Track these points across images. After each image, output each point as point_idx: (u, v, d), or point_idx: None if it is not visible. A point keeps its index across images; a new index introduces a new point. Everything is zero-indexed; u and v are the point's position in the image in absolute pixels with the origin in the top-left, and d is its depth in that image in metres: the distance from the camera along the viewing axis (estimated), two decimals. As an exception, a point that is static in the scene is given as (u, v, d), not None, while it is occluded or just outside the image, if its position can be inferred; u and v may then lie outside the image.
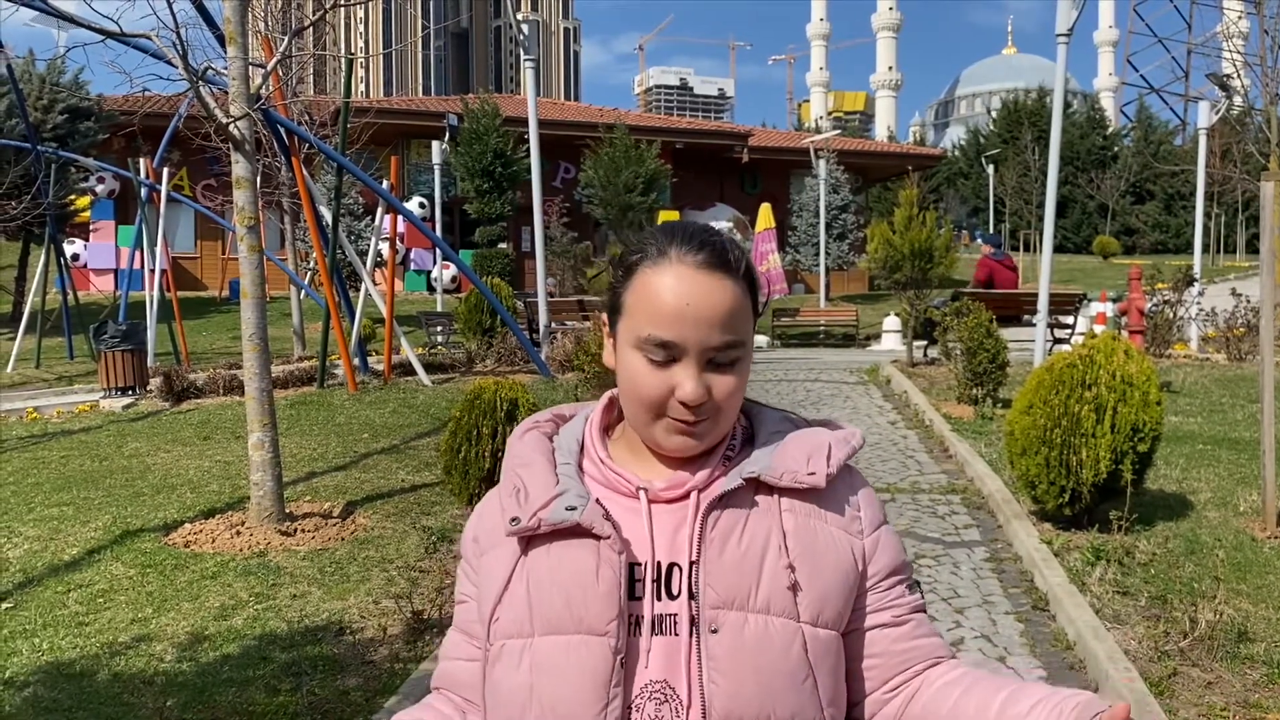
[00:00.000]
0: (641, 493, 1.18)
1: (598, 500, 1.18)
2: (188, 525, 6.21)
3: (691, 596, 1.14)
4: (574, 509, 1.15)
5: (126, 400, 10.73)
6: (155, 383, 11.08)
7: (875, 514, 1.24)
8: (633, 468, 1.22)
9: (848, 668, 1.22)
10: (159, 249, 14.91)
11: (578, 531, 1.15)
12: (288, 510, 6.28)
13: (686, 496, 1.18)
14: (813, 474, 1.19)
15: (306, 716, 3.77)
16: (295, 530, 6.04)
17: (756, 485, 1.18)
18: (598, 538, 1.15)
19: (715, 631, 1.12)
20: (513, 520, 1.17)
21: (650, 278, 1.16)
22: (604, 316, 1.25)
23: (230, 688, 4.04)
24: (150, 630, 4.68)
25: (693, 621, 1.13)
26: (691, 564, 1.15)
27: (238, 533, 5.98)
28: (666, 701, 1.12)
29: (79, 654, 4.44)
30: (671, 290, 1.14)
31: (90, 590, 5.21)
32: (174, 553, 5.74)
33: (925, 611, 1.27)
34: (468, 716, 1.27)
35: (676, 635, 1.13)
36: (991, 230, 46.18)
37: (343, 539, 5.98)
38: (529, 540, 1.18)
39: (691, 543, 1.15)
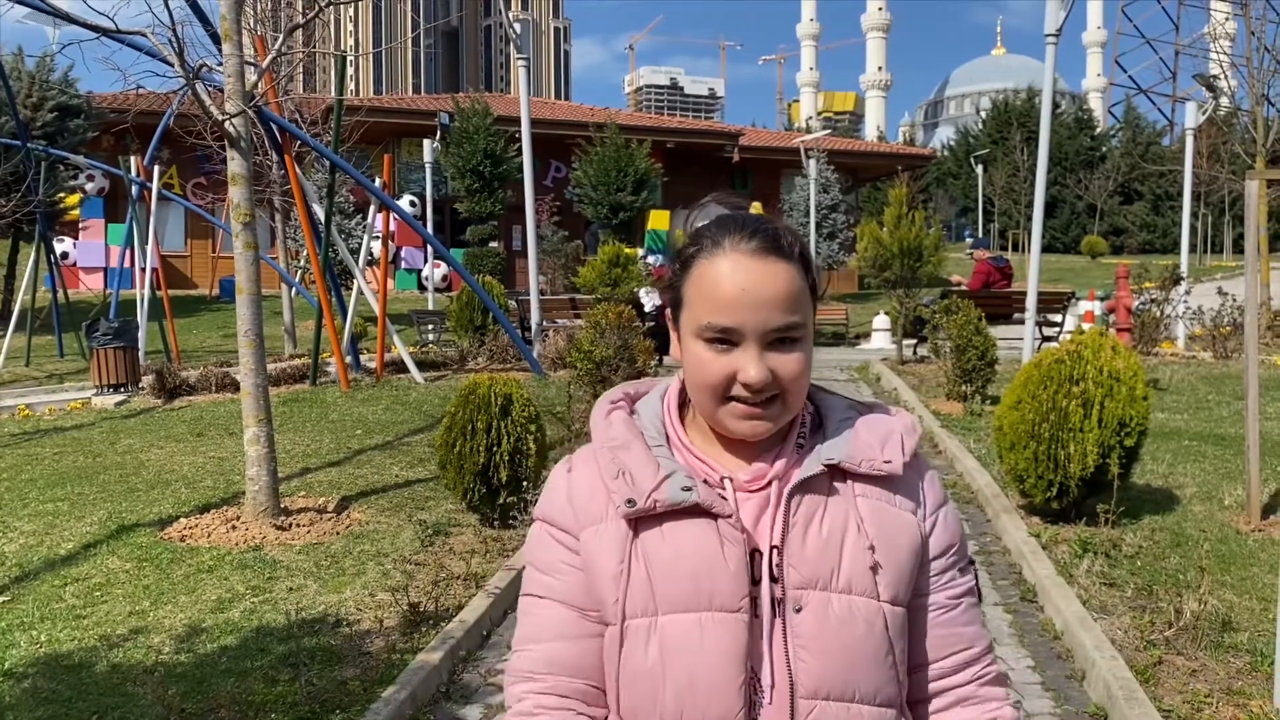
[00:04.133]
0: (727, 482, 1.21)
1: (705, 481, 1.20)
2: (183, 520, 6.24)
3: (774, 580, 1.17)
4: (689, 489, 1.18)
5: (119, 397, 10.74)
6: (147, 380, 11.09)
7: (939, 495, 1.29)
8: (712, 455, 1.25)
9: None
10: (150, 247, 14.89)
11: (694, 512, 1.18)
12: (283, 505, 6.32)
13: (768, 486, 1.21)
14: (889, 462, 1.23)
15: (305, 706, 3.81)
16: (290, 525, 6.07)
17: (833, 471, 1.22)
18: (716, 517, 1.17)
19: (799, 611, 1.16)
20: (628, 502, 1.18)
21: (706, 268, 1.19)
22: (668, 311, 1.28)
23: (229, 678, 4.07)
24: (147, 623, 4.71)
25: (774, 603, 1.17)
26: (773, 548, 1.18)
27: (233, 527, 6.02)
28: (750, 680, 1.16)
29: (77, 646, 4.47)
30: (727, 278, 1.17)
31: (87, 584, 5.24)
32: (170, 547, 5.77)
33: (978, 594, 1.31)
34: (584, 708, 1.24)
35: (758, 617, 1.17)
36: (981, 232, 46.37)
37: (338, 533, 6.02)
38: (638, 521, 1.19)
39: (773, 528, 1.19)
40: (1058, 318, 14.55)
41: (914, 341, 13.89)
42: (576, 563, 1.23)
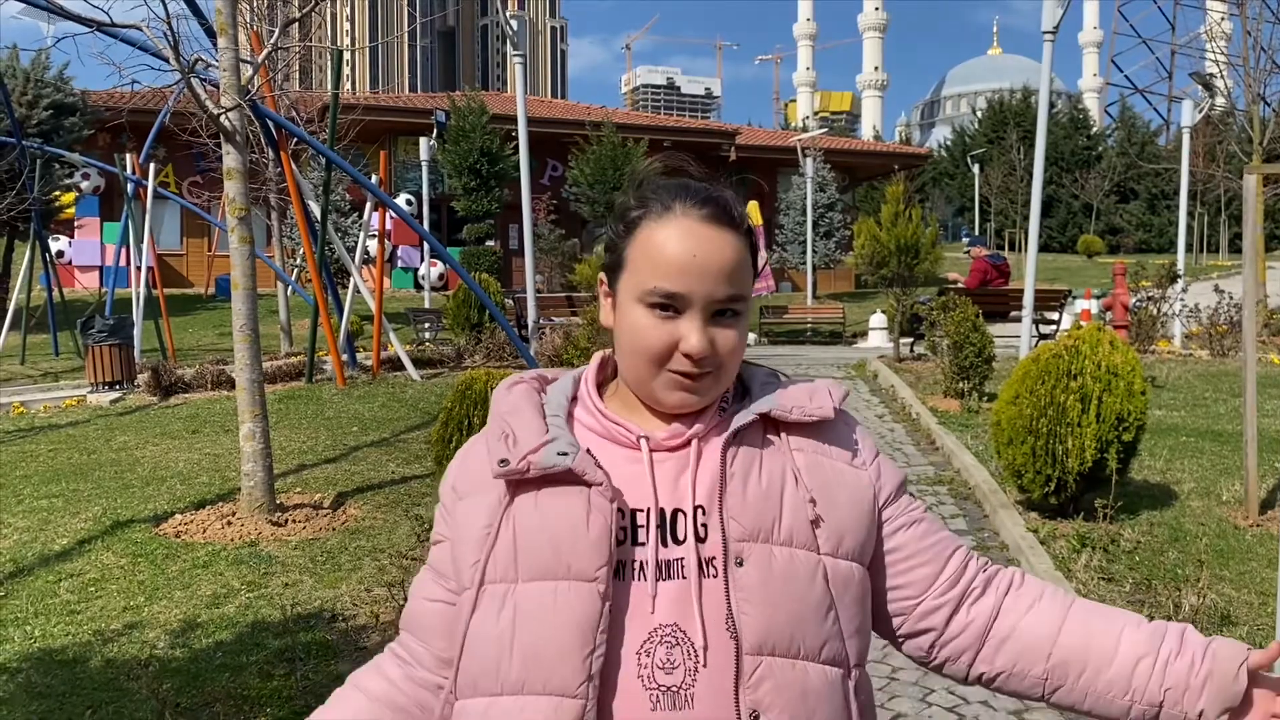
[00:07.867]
0: (643, 441, 1.19)
1: (588, 450, 1.18)
2: (178, 516, 6.22)
3: (699, 540, 1.14)
4: (565, 455, 1.15)
5: (114, 395, 10.71)
6: (143, 377, 11.05)
7: (872, 445, 1.30)
8: (630, 419, 1.22)
9: (890, 583, 1.27)
10: (145, 245, 14.84)
11: (568, 478, 1.15)
12: (278, 501, 6.30)
13: (687, 444, 1.19)
14: (820, 407, 1.23)
15: (300, 700, 3.79)
16: (286, 520, 6.06)
17: (766, 424, 1.21)
18: (588, 484, 1.14)
19: (741, 564, 1.13)
20: (501, 462, 1.16)
21: (655, 232, 1.16)
22: (601, 275, 1.25)
23: (224, 673, 4.05)
24: (142, 618, 4.69)
25: (700, 564, 1.14)
26: (696, 508, 1.15)
27: (229, 523, 6.00)
28: (678, 645, 1.12)
29: (71, 641, 4.45)
30: (678, 243, 1.15)
31: (81, 579, 5.22)
32: (165, 542, 5.74)
33: None
34: (415, 671, 1.26)
35: (684, 579, 1.13)
36: (977, 231, 46.39)
37: (334, 529, 6.00)
38: (516, 486, 1.17)
39: (694, 488, 1.16)
40: (1055, 315, 14.55)
41: (911, 339, 13.88)
42: (450, 535, 1.25)
